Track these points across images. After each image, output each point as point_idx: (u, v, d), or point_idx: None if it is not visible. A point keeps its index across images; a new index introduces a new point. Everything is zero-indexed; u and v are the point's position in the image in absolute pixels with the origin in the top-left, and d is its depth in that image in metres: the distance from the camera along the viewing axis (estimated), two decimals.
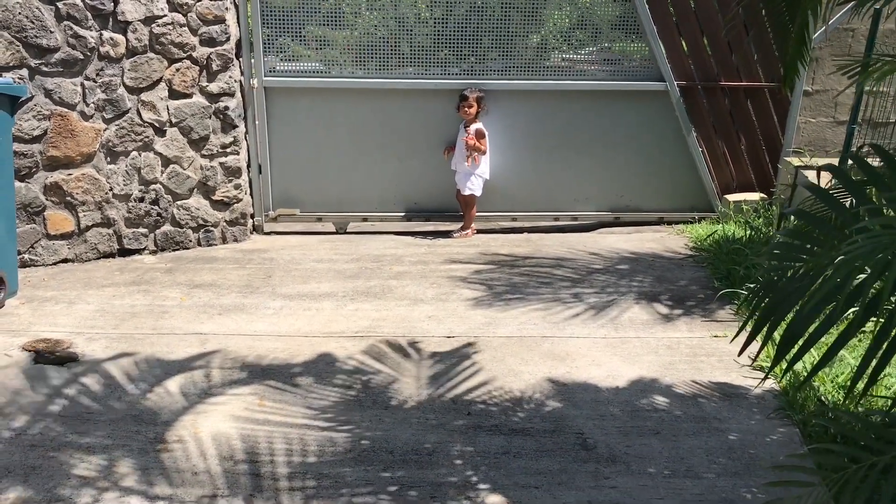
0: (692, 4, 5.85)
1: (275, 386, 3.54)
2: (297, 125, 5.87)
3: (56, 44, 4.93)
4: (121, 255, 5.47)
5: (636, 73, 5.97)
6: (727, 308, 4.48)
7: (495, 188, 6.07)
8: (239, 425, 3.20)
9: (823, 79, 5.99)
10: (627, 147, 6.11)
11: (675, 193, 6.28)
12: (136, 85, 5.18)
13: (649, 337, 4.11)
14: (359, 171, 6.04)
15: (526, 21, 5.78)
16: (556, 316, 4.37)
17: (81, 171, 5.19)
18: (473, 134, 5.74)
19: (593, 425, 3.23)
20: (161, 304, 4.53)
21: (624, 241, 5.86)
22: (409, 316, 4.38)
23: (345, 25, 5.72)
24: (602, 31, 5.92)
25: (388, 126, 5.94)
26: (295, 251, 5.58)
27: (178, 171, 5.44)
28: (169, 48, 5.17)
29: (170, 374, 3.66)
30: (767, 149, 6.20)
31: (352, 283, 4.89)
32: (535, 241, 5.91)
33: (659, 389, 3.55)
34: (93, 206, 5.28)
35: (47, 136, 5.04)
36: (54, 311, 4.44)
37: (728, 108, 6.10)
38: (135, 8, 5.03)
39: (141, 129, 5.27)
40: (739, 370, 3.70)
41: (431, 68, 5.85)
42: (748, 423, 3.24)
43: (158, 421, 3.25)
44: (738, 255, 4.96)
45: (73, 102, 5.06)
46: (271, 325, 4.25)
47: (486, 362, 3.80)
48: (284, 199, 6.06)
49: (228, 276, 5.03)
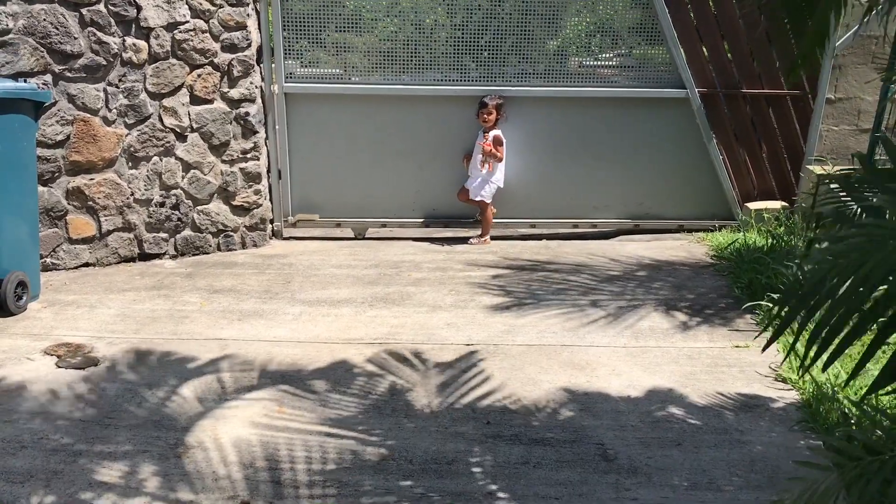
0: (713, 10, 5.82)
1: (294, 392, 3.55)
2: (316, 131, 5.89)
3: (80, 50, 4.97)
4: (141, 260, 5.50)
5: (656, 79, 5.94)
6: (748, 317, 4.44)
7: (514, 195, 6.06)
8: (258, 431, 3.21)
9: (846, 86, 5.93)
10: (647, 154, 6.08)
11: (695, 201, 6.24)
12: (158, 90, 5.21)
13: (670, 346, 4.08)
14: (378, 177, 6.05)
15: (545, 27, 5.77)
16: (575, 323, 4.35)
17: (103, 175, 5.23)
18: (491, 140, 5.73)
19: (614, 436, 3.21)
20: (181, 309, 4.56)
21: (643, 248, 5.83)
22: (427, 323, 4.38)
23: (364, 31, 5.74)
24: (622, 36, 5.90)
25: (407, 132, 5.95)
26: (314, 257, 5.60)
27: (198, 177, 5.47)
28: (191, 54, 5.20)
29: (189, 379, 3.67)
30: (789, 157, 6.15)
31: (370, 290, 4.90)
32: (553, 247, 5.89)
33: (680, 400, 3.52)
34: (114, 211, 5.32)
35: (70, 142, 5.09)
36: (76, 315, 4.47)
37: (749, 116, 6.05)
38: (157, 14, 5.06)
39: (162, 134, 5.31)
40: (761, 381, 3.67)
41: (450, 74, 5.85)
42: (770, 436, 3.21)
43: (178, 426, 3.26)
44: (760, 263, 4.91)
45: (96, 108, 5.10)
46: (290, 331, 4.26)
47: (504, 371, 3.79)
48: (304, 205, 6.08)
49: (248, 281, 5.05)
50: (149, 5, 5.02)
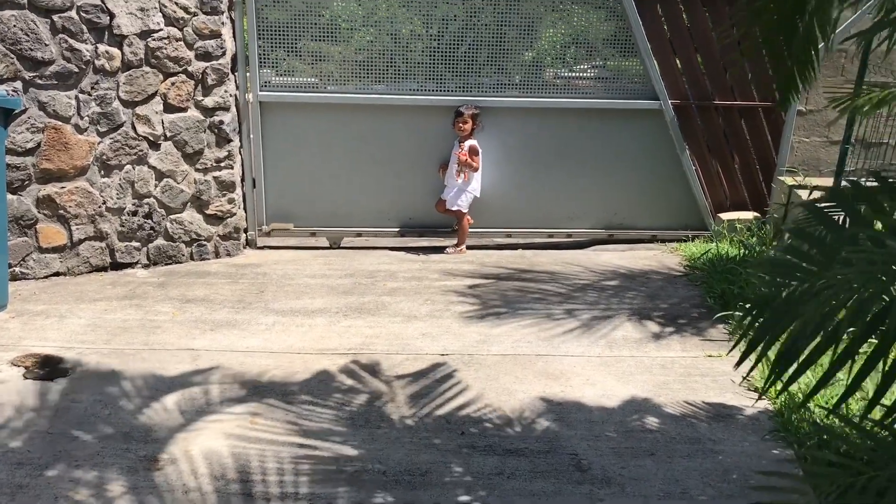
0: (686, 23, 5.88)
1: (267, 403, 3.51)
2: (291, 139, 5.86)
3: (51, 56, 4.91)
4: (113, 269, 5.43)
5: (630, 91, 5.99)
6: (721, 327, 4.48)
7: (490, 204, 6.07)
8: (231, 443, 3.17)
9: (817, 99, 6.02)
10: (621, 165, 6.13)
11: (668, 211, 6.30)
12: (131, 98, 5.16)
13: (643, 356, 4.10)
14: (353, 186, 6.03)
15: (521, 38, 5.80)
16: (550, 333, 4.36)
17: (75, 184, 5.16)
18: (467, 150, 5.74)
19: (588, 446, 3.22)
20: (153, 319, 4.50)
21: (618, 258, 5.87)
22: (402, 333, 4.36)
23: (341, 40, 5.73)
24: (596, 48, 5.94)
25: (383, 141, 5.94)
26: (288, 266, 5.56)
27: (171, 185, 5.42)
28: (164, 62, 5.16)
29: (161, 390, 3.63)
30: (761, 168, 6.22)
31: (345, 299, 4.87)
32: (529, 257, 5.91)
33: (653, 410, 3.54)
34: (86, 220, 5.25)
35: (41, 149, 5.02)
36: (45, 325, 4.40)
37: (722, 127, 6.12)
38: (131, 22, 5.02)
39: (135, 142, 5.25)
40: (734, 390, 3.70)
41: (427, 84, 5.86)
42: (743, 445, 3.23)
43: (150, 438, 3.21)
44: (732, 273, 4.96)
45: (68, 115, 5.04)
46: (264, 342, 4.22)
47: (480, 381, 3.79)
48: (278, 214, 6.04)
49: (221, 290, 5.00)
50: (122, 13, 4.98)
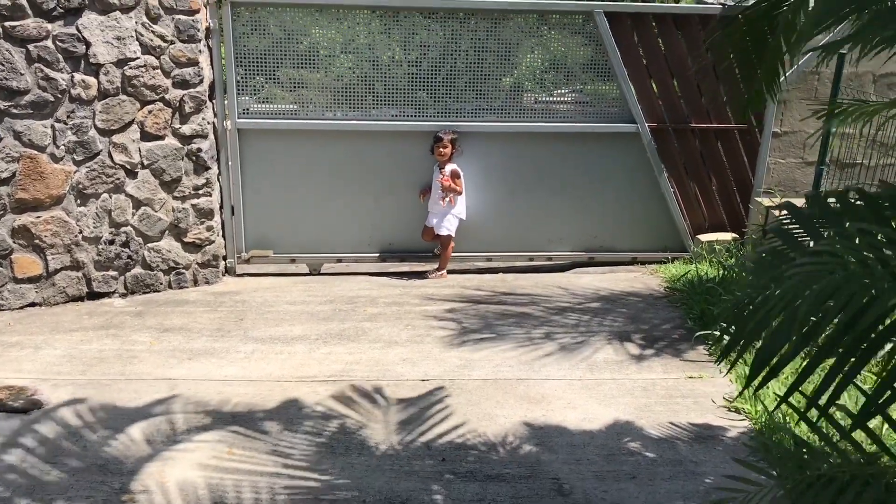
0: (662, 48, 5.96)
1: (244, 433, 3.47)
2: (270, 166, 5.85)
3: (26, 86, 4.89)
4: (90, 299, 5.37)
5: (608, 115, 6.04)
6: (701, 348, 4.49)
7: (470, 229, 6.07)
8: (207, 474, 3.12)
9: (792, 121, 6.10)
10: (600, 188, 6.16)
11: (648, 234, 6.32)
12: (108, 127, 5.14)
13: (624, 378, 4.09)
14: (333, 213, 6.02)
15: (499, 63, 5.85)
16: (531, 357, 4.34)
17: (51, 213, 5.12)
18: (449, 175, 5.76)
19: (569, 470, 3.19)
20: (130, 349, 4.45)
21: (598, 281, 5.88)
22: (383, 359, 4.33)
23: (320, 67, 5.74)
24: (574, 73, 6.00)
25: (363, 167, 5.94)
26: (268, 293, 5.52)
27: (149, 214, 5.38)
28: (141, 90, 5.15)
29: (137, 421, 3.57)
30: (738, 189, 6.28)
31: (325, 326, 4.84)
32: (510, 281, 5.90)
33: (635, 432, 3.52)
34: (62, 249, 5.20)
35: (16, 179, 4.98)
36: (19, 356, 4.33)
37: (699, 150, 6.18)
38: (107, 50, 5.01)
39: (112, 171, 5.22)
40: (715, 411, 3.69)
41: (406, 110, 5.88)
42: (724, 467, 3.21)
43: (125, 470, 3.16)
44: (712, 294, 4.98)
45: (44, 144, 5.01)
46: (242, 370, 4.18)
47: (460, 406, 3.76)
48: (257, 241, 6.01)
49: (199, 319, 4.95)
50: (98, 42, 4.97)
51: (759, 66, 3.07)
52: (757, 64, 3.11)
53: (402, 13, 5.66)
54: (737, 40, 3.07)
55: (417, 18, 5.70)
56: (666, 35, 5.93)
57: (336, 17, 5.65)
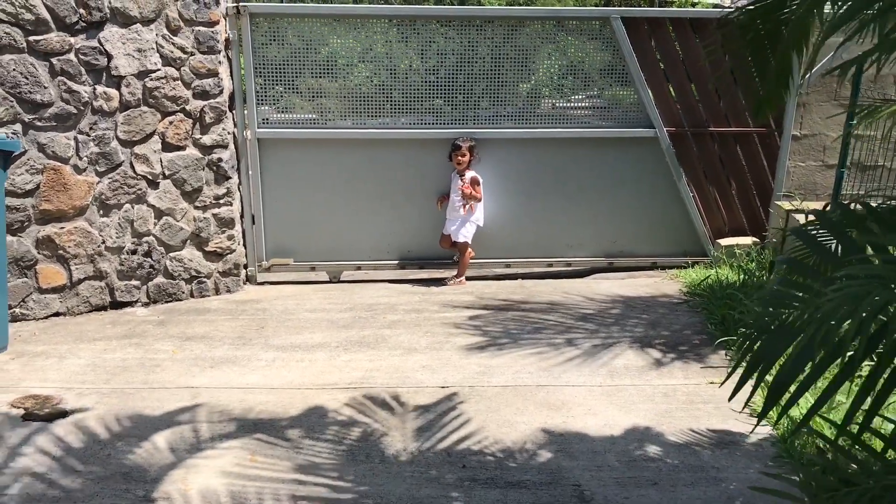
0: (679, 52, 5.94)
1: (266, 440, 3.49)
2: (290, 175, 5.90)
3: (50, 99, 4.97)
4: (113, 308, 5.44)
5: (626, 119, 6.03)
6: (722, 353, 4.46)
7: (489, 235, 6.08)
8: (229, 481, 3.15)
9: (812, 123, 6.06)
10: (619, 193, 6.15)
11: (667, 238, 6.30)
12: (130, 138, 5.21)
13: (645, 384, 4.08)
14: (352, 221, 6.06)
15: (517, 70, 5.86)
16: (550, 363, 4.34)
17: (74, 224, 5.19)
18: (469, 182, 5.77)
19: (590, 476, 3.19)
20: (153, 358, 4.49)
21: (618, 286, 5.86)
22: (402, 366, 4.34)
23: (339, 76, 5.79)
24: (592, 78, 6.00)
25: (382, 175, 5.98)
26: (288, 301, 5.56)
27: (171, 223, 5.44)
28: (162, 101, 5.21)
29: (160, 429, 3.61)
30: (758, 193, 6.24)
31: (345, 333, 4.86)
32: (528, 287, 5.90)
33: (656, 438, 3.51)
34: (85, 260, 5.26)
35: (40, 190, 5.06)
36: (45, 366, 4.39)
37: (718, 154, 6.15)
38: (128, 63, 5.08)
39: (134, 181, 5.29)
40: (737, 417, 3.67)
41: (425, 117, 5.90)
42: (747, 472, 3.20)
43: (148, 478, 3.19)
44: (733, 299, 4.95)
45: (67, 156, 5.08)
46: (263, 378, 4.21)
47: (480, 413, 3.76)
48: (278, 249, 6.06)
49: (221, 327, 5.00)
50: (120, 54, 5.04)
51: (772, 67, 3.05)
52: (771, 65, 3.09)
53: (419, 21, 5.69)
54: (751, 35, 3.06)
55: (434, 26, 5.73)
56: (683, 39, 5.91)
57: (354, 26, 5.70)
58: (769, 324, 2.06)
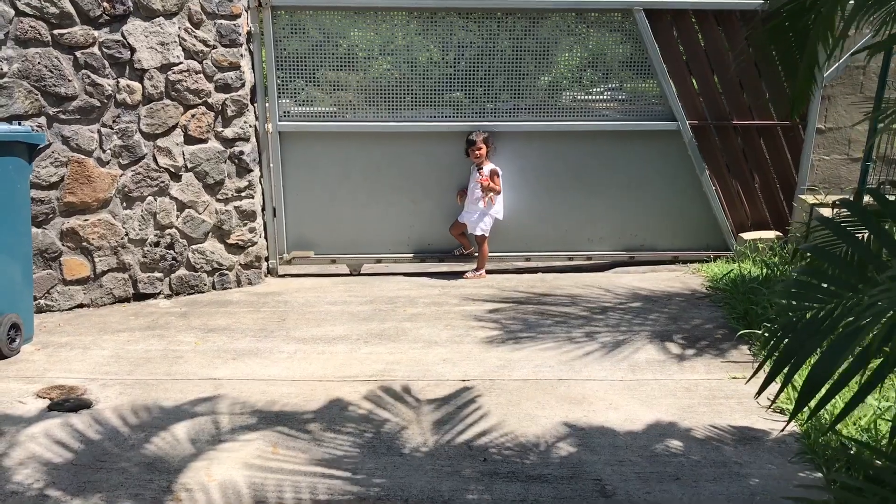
0: (702, 44, 5.88)
1: (288, 432, 3.51)
2: (311, 168, 5.92)
3: (74, 92, 5.01)
4: (136, 300, 5.49)
5: (648, 112, 5.99)
6: (745, 348, 4.42)
7: (509, 229, 6.07)
8: (252, 473, 3.17)
9: (836, 117, 5.98)
10: (640, 186, 6.11)
11: (689, 232, 6.26)
12: (152, 131, 5.24)
13: (667, 379, 4.06)
14: (372, 213, 6.07)
15: (537, 62, 5.84)
16: (571, 357, 4.33)
17: (97, 216, 5.24)
18: (488, 175, 5.76)
19: (612, 471, 3.17)
20: (175, 349, 4.53)
21: (639, 280, 5.83)
22: (423, 359, 4.35)
23: (359, 69, 5.79)
24: (613, 71, 5.96)
25: (401, 168, 5.98)
26: (309, 294, 5.58)
27: (193, 216, 5.47)
28: (185, 94, 5.24)
29: (183, 420, 3.64)
30: (782, 187, 6.17)
31: (366, 326, 4.88)
32: (549, 280, 5.88)
33: (678, 433, 3.49)
34: (108, 251, 5.31)
35: (64, 183, 5.10)
36: (69, 356, 4.44)
37: (741, 147, 6.09)
38: (151, 56, 5.11)
39: (157, 174, 5.32)
40: (759, 413, 3.64)
41: (444, 110, 5.90)
42: (769, 468, 3.17)
43: (171, 468, 3.22)
44: (755, 294, 4.91)
45: (90, 149, 5.13)
46: (285, 370, 4.23)
47: (501, 406, 3.76)
48: (298, 242, 6.08)
49: (243, 319, 5.03)
50: (143, 47, 5.07)
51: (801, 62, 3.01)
52: (799, 60, 3.05)
53: (439, 14, 5.68)
54: (777, 35, 3.02)
55: (454, 19, 5.71)
56: (706, 31, 5.85)
57: (374, 19, 5.70)
58: (794, 317, 2.03)
